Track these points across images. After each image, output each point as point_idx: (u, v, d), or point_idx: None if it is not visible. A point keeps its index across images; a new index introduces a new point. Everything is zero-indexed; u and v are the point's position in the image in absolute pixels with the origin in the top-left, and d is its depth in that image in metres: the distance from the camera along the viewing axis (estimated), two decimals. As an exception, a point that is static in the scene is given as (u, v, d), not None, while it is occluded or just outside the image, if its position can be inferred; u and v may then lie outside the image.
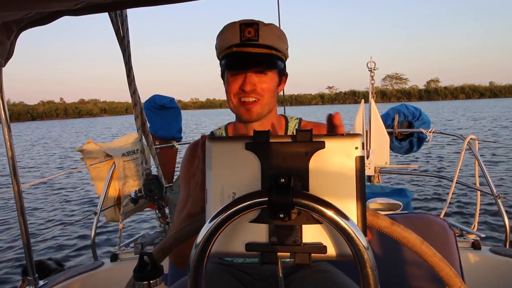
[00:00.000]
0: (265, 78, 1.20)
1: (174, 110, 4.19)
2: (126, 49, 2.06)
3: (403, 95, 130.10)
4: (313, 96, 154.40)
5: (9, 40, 1.45)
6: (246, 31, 1.17)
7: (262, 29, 1.17)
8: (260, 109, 1.22)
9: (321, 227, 0.64)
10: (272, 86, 1.23)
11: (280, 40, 1.22)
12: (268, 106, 1.24)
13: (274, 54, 1.20)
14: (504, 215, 2.50)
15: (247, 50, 1.18)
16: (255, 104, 1.21)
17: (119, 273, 2.17)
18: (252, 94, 1.20)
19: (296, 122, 1.39)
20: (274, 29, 1.21)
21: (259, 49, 1.18)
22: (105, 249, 5.79)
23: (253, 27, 1.17)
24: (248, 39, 1.17)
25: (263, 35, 1.17)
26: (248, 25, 1.17)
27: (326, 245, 0.64)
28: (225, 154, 0.66)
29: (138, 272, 0.67)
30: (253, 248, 0.65)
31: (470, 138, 2.98)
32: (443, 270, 0.72)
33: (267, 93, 1.22)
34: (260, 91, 1.20)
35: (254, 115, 1.22)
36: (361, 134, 0.65)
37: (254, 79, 1.19)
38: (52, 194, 10.12)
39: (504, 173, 9.79)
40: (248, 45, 1.17)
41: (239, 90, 1.20)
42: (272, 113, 1.30)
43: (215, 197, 0.67)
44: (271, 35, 1.19)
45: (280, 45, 1.21)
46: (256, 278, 1.30)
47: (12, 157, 1.68)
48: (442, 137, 14.32)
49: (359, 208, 0.64)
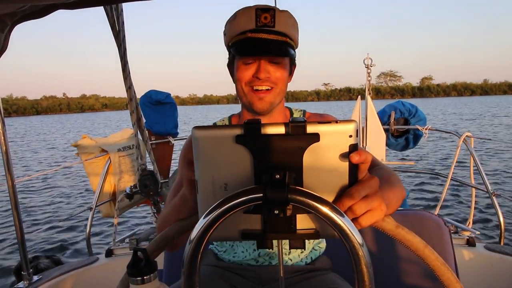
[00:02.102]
0: (279, 66, 1.16)
1: (170, 105, 4.18)
2: (122, 44, 2.04)
3: (397, 92, 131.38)
4: (309, 93, 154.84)
5: (3, 34, 1.44)
6: (263, 16, 1.11)
7: (279, 15, 1.12)
8: (273, 99, 1.17)
9: (314, 215, 0.63)
10: (285, 76, 1.19)
11: (294, 28, 1.18)
12: (280, 96, 1.20)
13: (289, 42, 1.15)
14: (499, 212, 2.50)
15: (263, 36, 1.12)
16: (268, 93, 1.16)
17: (114, 269, 2.17)
18: (266, 82, 1.15)
19: (300, 113, 1.35)
20: (289, 16, 1.16)
21: (275, 36, 1.13)
22: (100, 244, 5.79)
23: (269, 13, 1.12)
24: (264, 24, 1.12)
25: (279, 22, 1.12)
26: (264, 10, 1.12)
27: (319, 230, 0.65)
28: (213, 145, 0.63)
29: (131, 268, 0.67)
30: (248, 236, 0.65)
31: (465, 135, 2.99)
32: (445, 274, 0.72)
33: (281, 82, 1.17)
34: (274, 79, 1.16)
35: (267, 105, 1.17)
36: (355, 121, 0.62)
37: (268, 67, 1.15)
38: (47, 189, 10.08)
39: (499, 170, 9.85)
40: (264, 31, 1.12)
41: (252, 78, 1.15)
42: (281, 104, 1.25)
43: (206, 188, 0.64)
44: (287, 22, 1.14)
45: (293, 33, 1.17)
46: (254, 282, 1.25)
47: (6, 151, 1.67)
48: (438, 134, 14.38)
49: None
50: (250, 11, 1.12)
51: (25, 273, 1.79)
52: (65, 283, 1.96)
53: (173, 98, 4.27)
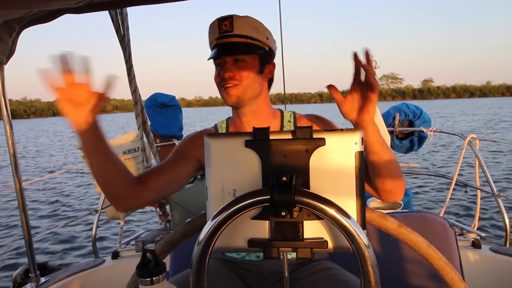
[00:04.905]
0: (242, 64, 1.27)
1: (175, 108, 4.19)
2: (127, 48, 2.07)
3: (397, 94, 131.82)
4: (312, 95, 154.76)
5: (11, 38, 1.46)
6: (223, 24, 1.27)
7: (237, 21, 1.27)
8: (239, 93, 1.28)
9: (322, 222, 0.64)
10: (252, 73, 1.29)
11: (256, 30, 1.30)
12: (249, 91, 1.29)
13: (250, 42, 1.28)
14: (504, 214, 2.49)
15: (224, 41, 1.27)
16: (233, 88, 1.27)
17: (120, 271, 2.18)
18: (230, 80, 1.27)
19: (290, 113, 1.43)
20: (249, 20, 1.29)
21: (234, 39, 1.27)
22: (106, 246, 5.80)
23: (228, 20, 1.27)
24: (224, 31, 1.27)
25: (237, 26, 1.26)
26: (224, 19, 1.27)
27: (327, 240, 0.65)
28: (224, 151, 0.66)
29: (141, 269, 0.68)
30: (255, 244, 0.66)
31: (470, 137, 2.98)
32: (449, 274, 0.73)
33: (246, 79, 1.28)
34: (239, 77, 1.27)
35: (233, 98, 1.28)
36: (360, 129, 0.64)
37: (232, 67, 1.27)
38: (53, 192, 10.12)
39: (505, 172, 9.79)
40: (225, 36, 1.27)
41: (220, 78, 1.28)
42: (261, 100, 1.35)
43: (215, 194, 0.67)
44: (246, 25, 1.28)
45: (256, 34, 1.29)
46: (258, 276, 1.32)
47: (14, 154, 1.68)
48: (442, 136, 14.31)
49: (358, 204, 0.65)
50: (214, 23, 1.29)
51: (33, 275, 1.81)
52: (72, 285, 1.97)
53: (177, 101, 4.29)
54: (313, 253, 0.65)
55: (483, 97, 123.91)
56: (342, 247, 0.64)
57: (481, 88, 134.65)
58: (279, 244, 0.65)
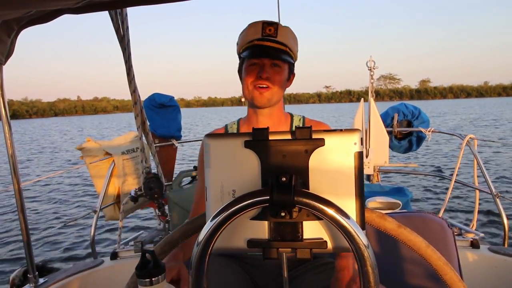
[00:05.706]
0: (278, 69, 1.38)
1: (173, 108, 4.18)
2: (126, 48, 2.06)
3: (395, 94, 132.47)
4: (311, 95, 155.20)
5: (9, 38, 1.45)
6: (267, 28, 1.36)
7: (281, 28, 1.37)
8: (270, 95, 1.39)
9: (321, 223, 0.64)
10: (283, 79, 1.41)
11: (294, 41, 1.42)
12: (277, 96, 1.41)
13: (287, 51, 1.38)
14: (503, 214, 2.50)
15: (266, 43, 1.36)
16: (267, 90, 1.38)
17: (119, 271, 2.18)
18: (266, 81, 1.37)
19: (300, 117, 1.53)
20: (290, 31, 1.41)
21: (277, 45, 1.36)
22: (104, 247, 5.79)
23: (273, 26, 1.36)
24: (268, 35, 1.36)
25: (280, 34, 1.36)
26: (269, 24, 1.37)
27: (326, 240, 0.65)
28: (223, 152, 0.66)
29: (140, 270, 0.68)
30: (255, 244, 0.66)
31: (469, 137, 2.98)
32: (447, 274, 0.73)
33: (278, 84, 1.39)
34: (273, 80, 1.37)
35: (265, 99, 1.38)
36: (359, 130, 0.65)
37: (269, 69, 1.37)
38: (52, 192, 10.10)
39: (503, 172, 9.80)
40: (267, 39, 1.36)
41: (256, 77, 1.37)
42: (279, 105, 1.47)
43: (215, 194, 0.67)
44: (287, 35, 1.38)
45: (293, 45, 1.40)
46: (260, 270, 1.40)
47: (13, 155, 1.68)
48: (441, 136, 14.34)
49: (357, 204, 0.65)
50: (258, 25, 1.38)
51: (31, 275, 1.80)
52: (70, 286, 1.97)
53: (176, 101, 4.28)
54: (312, 253, 0.65)
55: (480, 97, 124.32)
56: (341, 248, 0.64)
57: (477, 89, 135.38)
58: (278, 245, 0.65)
